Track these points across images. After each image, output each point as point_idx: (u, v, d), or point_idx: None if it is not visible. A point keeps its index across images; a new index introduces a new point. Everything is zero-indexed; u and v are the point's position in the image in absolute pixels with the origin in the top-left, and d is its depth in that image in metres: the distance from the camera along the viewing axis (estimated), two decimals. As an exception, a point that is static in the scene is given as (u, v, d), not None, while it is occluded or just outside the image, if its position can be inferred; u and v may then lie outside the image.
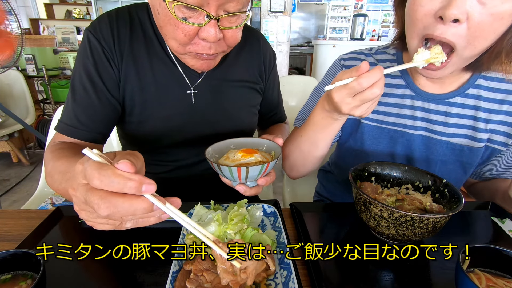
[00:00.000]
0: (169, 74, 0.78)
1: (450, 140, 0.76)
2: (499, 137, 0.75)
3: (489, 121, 0.74)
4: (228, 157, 0.67)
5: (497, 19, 0.52)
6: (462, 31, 0.54)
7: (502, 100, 0.73)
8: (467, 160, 0.77)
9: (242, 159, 0.64)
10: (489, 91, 0.73)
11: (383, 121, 0.81)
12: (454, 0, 0.52)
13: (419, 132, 0.78)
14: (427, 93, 0.77)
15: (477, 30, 0.53)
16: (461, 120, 0.75)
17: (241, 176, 0.61)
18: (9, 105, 2.92)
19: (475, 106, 0.74)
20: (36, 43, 3.12)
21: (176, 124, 0.82)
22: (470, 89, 0.74)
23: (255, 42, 0.91)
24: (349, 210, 0.76)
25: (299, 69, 6.66)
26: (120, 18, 0.75)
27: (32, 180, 2.87)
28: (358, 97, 0.56)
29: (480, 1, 0.52)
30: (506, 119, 0.73)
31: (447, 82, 0.75)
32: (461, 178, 0.82)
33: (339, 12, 5.97)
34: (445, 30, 0.55)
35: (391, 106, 0.81)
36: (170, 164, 0.89)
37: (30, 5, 6.74)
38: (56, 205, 1.29)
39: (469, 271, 0.49)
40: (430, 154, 0.79)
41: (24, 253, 0.47)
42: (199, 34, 0.62)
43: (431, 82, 0.76)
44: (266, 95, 0.97)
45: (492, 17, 0.52)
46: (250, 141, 0.75)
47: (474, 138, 0.75)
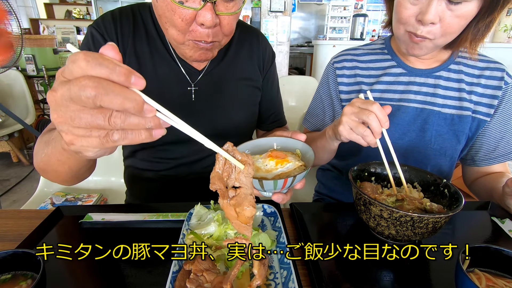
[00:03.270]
0: (170, 71, 0.80)
1: (441, 110, 0.87)
2: (482, 108, 0.86)
3: (472, 92, 0.86)
4: (258, 167, 0.58)
5: (461, 19, 0.70)
6: (436, 30, 0.72)
7: (479, 75, 0.87)
8: (459, 128, 0.87)
9: (279, 167, 0.57)
10: (468, 67, 0.88)
11: (380, 98, 0.91)
12: (430, 8, 0.68)
13: (413, 104, 0.88)
14: (416, 69, 0.89)
15: (447, 28, 0.71)
16: (448, 92, 0.87)
17: (285, 186, 0.54)
18: (9, 105, 2.92)
19: (458, 79, 0.87)
20: (36, 43, 3.12)
21: None
22: (452, 64, 0.88)
23: (254, 39, 0.93)
24: (349, 210, 0.76)
25: (299, 69, 6.66)
26: (124, 16, 0.78)
27: (32, 180, 2.87)
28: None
29: (449, 8, 0.69)
30: (485, 91, 0.86)
31: (431, 59, 0.88)
32: (456, 146, 0.89)
33: (339, 12, 5.96)
34: (424, 30, 0.72)
35: (387, 84, 0.91)
36: (170, 162, 0.90)
37: (30, 5, 6.75)
38: (56, 205, 1.29)
39: (469, 271, 0.49)
40: (425, 124, 0.88)
41: (24, 253, 0.47)
42: (196, 19, 0.64)
43: (419, 61, 0.89)
44: (265, 91, 0.98)
45: (458, 18, 0.70)
46: (264, 142, 0.67)
47: (461, 108, 0.86)
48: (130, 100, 0.32)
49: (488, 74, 0.86)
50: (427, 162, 0.90)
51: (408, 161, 0.89)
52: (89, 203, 1.37)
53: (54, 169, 0.59)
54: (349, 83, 0.95)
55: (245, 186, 0.46)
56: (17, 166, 3.15)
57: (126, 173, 1.01)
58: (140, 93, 0.34)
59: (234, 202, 0.46)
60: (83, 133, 0.35)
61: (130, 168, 0.96)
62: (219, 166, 0.46)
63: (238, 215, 0.46)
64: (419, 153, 0.90)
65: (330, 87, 0.98)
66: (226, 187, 0.47)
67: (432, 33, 0.72)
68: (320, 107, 1.01)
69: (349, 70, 0.95)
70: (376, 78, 0.92)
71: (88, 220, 0.69)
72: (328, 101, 0.99)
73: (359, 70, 0.94)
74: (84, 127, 0.35)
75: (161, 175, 0.92)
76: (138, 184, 0.98)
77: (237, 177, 0.46)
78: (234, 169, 0.46)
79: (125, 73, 0.32)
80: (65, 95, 0.33)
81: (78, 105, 0.33)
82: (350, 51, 0.98)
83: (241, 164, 0.45)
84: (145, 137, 0.36)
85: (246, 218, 0.46)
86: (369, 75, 0.94)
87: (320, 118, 1.01)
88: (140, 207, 0.81)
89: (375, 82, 0.92)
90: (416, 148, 0.89)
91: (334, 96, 0.97)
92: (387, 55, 0.93)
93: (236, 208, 0.46)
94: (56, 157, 0.55)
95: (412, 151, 0.90)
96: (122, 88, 0.32)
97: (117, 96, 0.32)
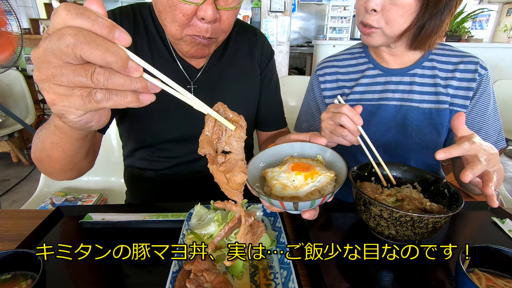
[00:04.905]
0: (169, 69, 0.81)
1: (419, 105, 0.90)
2: (458, 100, 0.89)
3: (447, 86, 0.90)
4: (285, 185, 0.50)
5: (399, 8, 0.75)
6: (379, 17, 0.78)
7: (453, 70, 0.90)
8: (438, 121, 0.90)
9: (309, 181, 0.50)
10: (441, 63, 0.91)
11: (361, 99, 0.95)
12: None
13: (392, 102, 0.92)
14: (391, 69, 0.94)
15: (388, 15, 0.77)
16: (424, 87, 0.91)
17: (322, 203, 0.48)
18: (9, 105, 2.92)
19: (433, 75, 0.91)
20: (36, 43, 3.12)
21: (175, 119, 0.84)
22: (425, 62, 0.92)
23: (252, 36, 0.94)
24: (349, 210, 0.76)
25: (299, 69, 6.65)
26: (124, 15, 0.80)
27: (32, 180, 2.87)
28: None
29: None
30: (461, 84, 0.89)
31: (404, 59, 0.93)
32: (437, 139, 0.92)
33: (339, 12, 5.96)
34: (369, 17, 0.79)
35: (366, 85, 0.96)
36: (170, 161, 0.90)
37: (30, 5, 6.74)
38: (56, 205, 1.29)
39: (469, 271, 0.49)
40: (405, 120, 0.92)
41: (24, 253, 0.47)
42: (197, 14, 0.65)
43: (394, 61, 0.94)
44: (263, 87, 0.98)
45: (396, 6, 0.75)
46: (279, 150, 0.59)
47: (438, 101, 0.90)
48: (112, 53, 0.30)
49: (462, 67, 0.89)
50: (410, 156, 0.94)
51: (392, 156, 0.93)
52: (89, 203, 1.37)
53: (48, 154, 0.58)
54: (331, 87, 1.00)
55: (236, 152, 0.44)
56: (17, 166, 3.15)
57: (126, 173, 1.01)
58: (126, 50, 0.32)
59: (223, 168, 0.43)
60: (65, 91, 0.33)
61: (130, 168, 0.96)
62: (209, 129, 0.43)
63: (228, 181, 0.43)
64: (402, 148, 0.93)
65: (315, 94, 1.03)
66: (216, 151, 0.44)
67: (376, 21, 0.79)
68: (309, 113, 1.06)
69: (330, 75, 1.01)
70: (356, 81, 0.97)
71: (88, 220, 0.69)
72: (315, 107, 1.04)
73: (340, 75, 1.00)
74: (66, 85, 0.33)
75: (160, 175, 0.92)
76: (138, 184, 0.98)
77: (228, 141, 0.44)
78: (225, 132, 0.44)
79: (108, 25, 0.30)
80: (47, 48, 0.31)
81: (60, 60, 0.32)
82: (331, 58, 1.04)
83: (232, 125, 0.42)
84: (131, 100, 0.34)
85: (236, 185, 0.44)
86: (350, 78, 0.98)
87: (310, 123, 1.05)
88: (140, 207, 0.81)
89: (355, 85, 0.96)
90: (399, 143, 0.93)
91: (319, 101, 1.02)
92: (364, 58, 0.98)
93: (226, 174, 0.43)
94: (49, 139, 0.54)
95: (395, 146, 0.94)
96: (104, 40, 0.30)
97: (98, 47, 0.30)
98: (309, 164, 0.54)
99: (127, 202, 1.05)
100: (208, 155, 0.42)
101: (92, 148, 0.68)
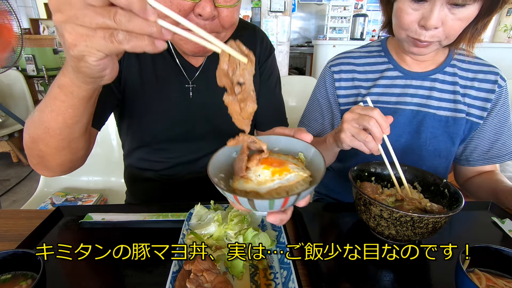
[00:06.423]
0: (168, 68, 0.81)
1: (436, 112, 0.87)
2: (475, 110, 0.87)
3: (465, 95, 0.88)
4: (248, 178, 0.45)
5: (463, 21, 0.71)
6: (440, 33, 0.73)
7: (473, 78, 0.88)
8: (453, 130, 0.88)
9: (276, 178, 0.44)
10: (462, 71, 0.89)
11: (378, 101, 0.91)
12: (433, 14, 0.69)
13: (410, 107, 0.89)
14: (412, 72, 0.89)
15: (450, 30, 0.72)
16: (443, 94, 0.88)
17: (285, 206, 0.41)
18: (9, 105, 2.92)
19: (453, 82, 0.88)
20: (36, 43, 3.12)
21: (174, 118, 0.84)
22: (447, 67, 0.88)
23: (251, 33, 0.93)
24: (349, 210, 0.76)
25: (299, 69, 6.66)
26: None
27: (32, 180, 2.87)
28: None
29: (451, 11, 0.70)
30: (479, 94, 0.87)
31: (427, 62, 0.89)
32: (451, 148, 0.90)
33: (339, 12, 5.96)
34: (427, 35, 0.73)
35: (384, 87, 0.91)
36: (169, 161, 0.90)
37: (30, 5, 6.74)
38: (56, 205, 1.29)
39: (469, 271, 0.49)
40: (420, 126, 0.88)
41: (24, 253, 0.47)
42: (194, 10, 0.63)
43: (415, 64, 0.89)
44: (262, 84, 0.96)
45: (460, 21, 0.71)
46: None
47: (456, 110, 0.87)
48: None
49: (482, 77, 0.87)
50: (422, 163, 0.90)
51: (404, 162, 0.88)
52: (89, 203, 1.37)
53: (46, 127, 0.55)
54: (347, 86, 0.94)
55: (248, 83, 0.46)
56: (17, 166, 3.15)
57: (126, 173, 1.01)
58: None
59: (240, 97, 0.46)
60: (87, 31, 0.34)
61: (130, 168, 0.96)
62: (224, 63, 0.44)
63: (241, 110, 0.47)
64: (414, 155, 0.90)
65: (328, 91, 0.97)
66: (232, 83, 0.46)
67: (435, 36, 0.73)
68: (318, 111, 1.00)
69: (346, 73, 0.94)
70: (373, 82, 0.92)
71: (88, 220, 0.69)
72: (326, 105, 0.98)
73: (357, 74, 0.94)
74: (88, 25, 0.34)
75: (160, 175, 0.92)
76: (138, 184, 0.98)
77: (242, 73, 0.46)
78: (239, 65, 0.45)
79: None
80: None
81: (83, 1, 0.33)
82: (347, 54, 0.97)
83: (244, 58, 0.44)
84: (148, 43, 0.36)
85: (248, 114, 0.47)
86: (367, 78, 0.93)
87: (319, 123, 1.00)
88: (140, 207, 0.81)
89: (372, 86, 0.91)
90: (412, 149, 0.90)
91: (332, 100, 0.97)
92: (383, 57, 0.93)
93: (241, 103, 0.47)
94: (49, 107, 0.52)
95: (407, 152, 0.90)
96: None
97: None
98: (283, 160, 0.47)
99: (127, 202, 1.05)
100: (227, 86, 0.44)
101: (88, 132, 0.64)
